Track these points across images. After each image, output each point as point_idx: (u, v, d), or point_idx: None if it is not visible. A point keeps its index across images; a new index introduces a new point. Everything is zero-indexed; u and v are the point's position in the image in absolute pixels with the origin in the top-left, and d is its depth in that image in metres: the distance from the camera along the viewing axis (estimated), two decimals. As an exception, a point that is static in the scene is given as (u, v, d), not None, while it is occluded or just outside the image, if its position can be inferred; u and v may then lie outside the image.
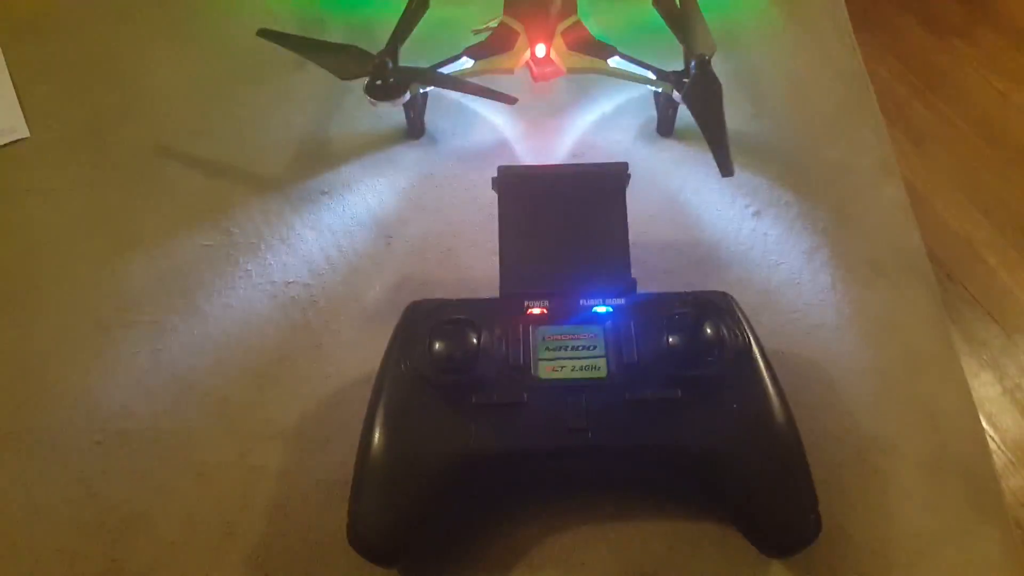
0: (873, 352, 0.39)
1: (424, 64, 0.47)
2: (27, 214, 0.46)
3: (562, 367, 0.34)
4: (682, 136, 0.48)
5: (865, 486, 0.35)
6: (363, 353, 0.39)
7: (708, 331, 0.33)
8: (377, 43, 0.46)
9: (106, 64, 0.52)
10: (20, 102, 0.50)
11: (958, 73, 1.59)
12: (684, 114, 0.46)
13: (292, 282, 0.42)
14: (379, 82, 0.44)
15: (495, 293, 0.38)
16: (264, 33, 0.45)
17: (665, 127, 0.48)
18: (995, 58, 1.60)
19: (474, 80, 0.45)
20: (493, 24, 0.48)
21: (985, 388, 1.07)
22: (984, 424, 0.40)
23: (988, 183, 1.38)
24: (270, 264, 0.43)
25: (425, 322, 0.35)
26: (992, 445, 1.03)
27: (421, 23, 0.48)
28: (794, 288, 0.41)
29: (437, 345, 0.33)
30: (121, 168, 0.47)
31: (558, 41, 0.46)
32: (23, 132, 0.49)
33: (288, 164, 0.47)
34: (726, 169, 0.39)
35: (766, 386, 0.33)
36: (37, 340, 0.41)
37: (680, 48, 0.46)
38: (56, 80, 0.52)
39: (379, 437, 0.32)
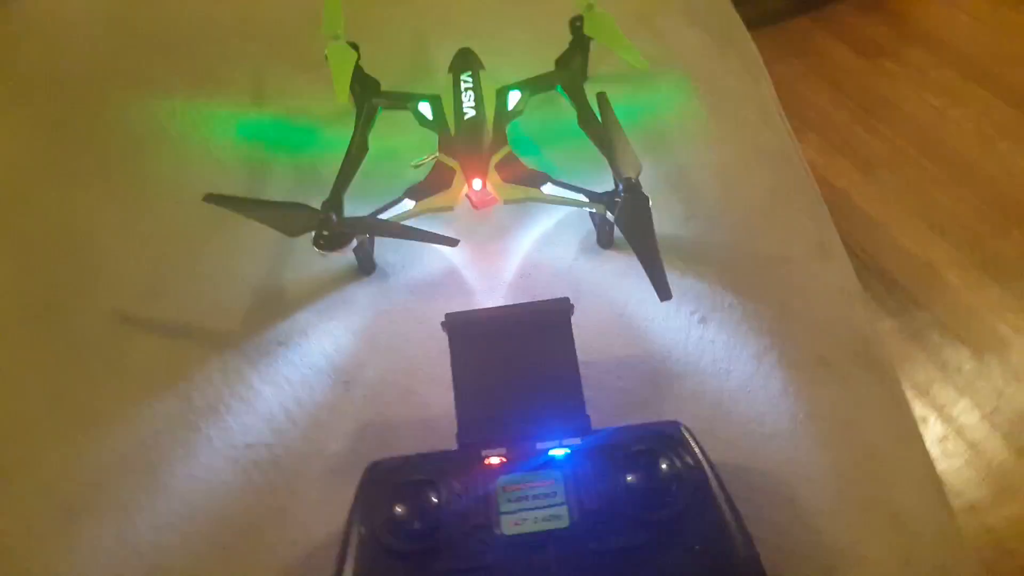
0: (831, 455, 0.40)
1: (368, 202, 0.48)
2: (-13, 399, 0.46)
3: (524, 519, 0.34)
4: (622, 247, 0.49)
5: None
6: (328, 512, 0.39)
7: (665, 468, 0.34)
8: (324, 182, 0.47)
9: (59, 234, 0.53)
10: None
11: (894, 94, 1.64)
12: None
13: (253, 444, 0.43)
14: (325, 234, 0.45)
15: (455, 429, 0.38)
16: (210, 199, 0.46)
17: (604, 240, 0.49)
18: (926, 75, 1.66)
19: (418, 221, 0.46)
20: (430, 159, 0.50)
21: (965, 415, 1.09)
22: (969, 451, 0.41)
23: (939, 202, 1.41)
24: (231, 427, 0.43)
25: (384, 484, 0.35)
26: (980, 474, 1.04)
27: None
28: (747, 396, 0.42)
29: (397, 511, 0.34)
30: (79, 341, 0.48)
31: (493, 175, 0.47)
32: (-24, 313, 0.49)
33: (244, 317, 0.48)
34: (663, 293, 0.40)
35: (726, 521, 0.33)
36: (3, 531, 0.41)
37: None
38: (10, 257, 0.52)
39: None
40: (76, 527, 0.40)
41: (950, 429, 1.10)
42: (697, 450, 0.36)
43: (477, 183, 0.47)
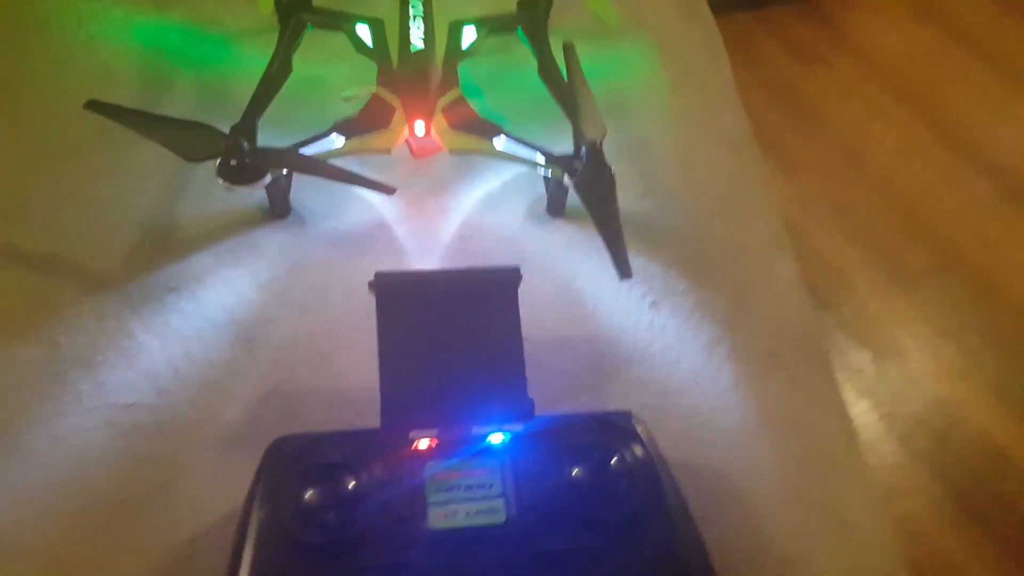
0: (779, 455, 0.38)
1: (287, 135, 0.41)
2: None
3: (455, 512, 0.30)
4: (573, 217, 0.45)
5: None
6: (221, 490, 0.34)
7: (616, 464, 0.30)
8: (233, 105, 0.40)
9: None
10: None
11: (822, 101, 1.68)
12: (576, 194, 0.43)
13: (133, 404, 0.36)
14: (234, 163, 0.38)
15: (377, 404, 0.33)
16: (93, 105, 0.38)
17: (556, 208, 0.45)
18: (854, 87, 1.70)
19: (347, 162, 0.40)
20: (365, 92, 0.44)
21: (863, 416, 1.12)
22: (861, 455, 0.40)
23: (855, 210, 1.46)
24: (106, 382, 0.37)
25: (293, 466, 0.30)
26: (875, 474, 1.08)
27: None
28: (696, 388, 0.39)
29: (307, 498, 0.29)
30: (-84, 265, 0.39)
31: (439, 118, 0.42)
32: None
33: (127, 256, 0.41)
34: (624, 271, 0.36)
35: (679, 523, 0.30)
36: None
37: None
38: None
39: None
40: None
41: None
42: (649, 445, 0.32)
43: (420, 126, 0.41)
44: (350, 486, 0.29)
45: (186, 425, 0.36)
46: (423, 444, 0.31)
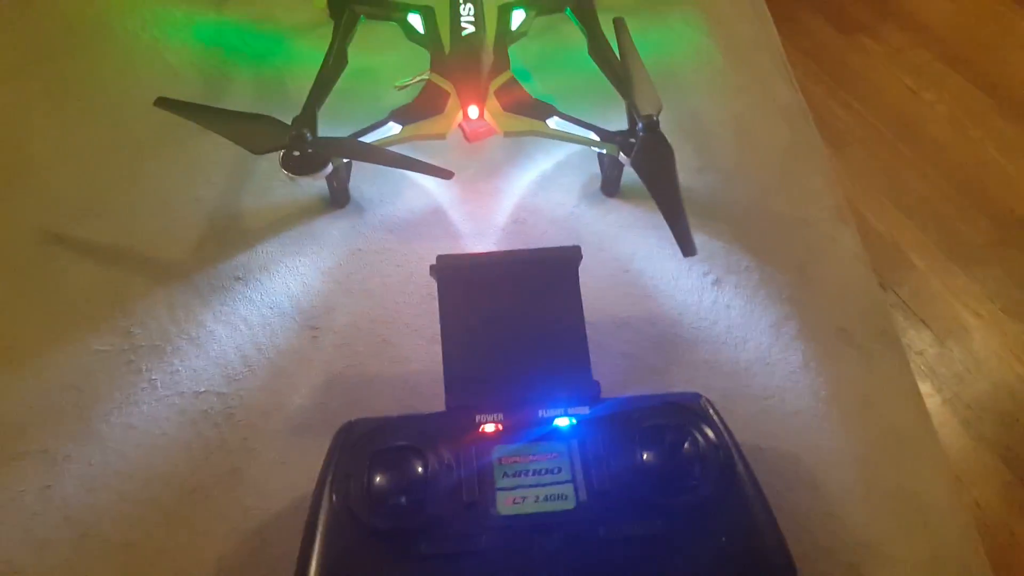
0: (854, 438, 0.37)
1: (344, 126, 0.42)
2: None
3: (524, 498, 0.29)
4: (628, 195, 0.45)
5: None
6: (289, 475, 0.35)
7: (688, 448, 0.30)
8: (290, 98, 0.41)
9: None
10: None
11: (869, 71, 1.63)
12: (630, 170, 0.42)
13: (204, 392, 0.37)
14: (297, 154, 0.39)
15: (439, 388, 0.33)
16: (162, 102, 0.39)
17: (610, 187, 0.44)
18: (902, 55, 1.64)
19: (403, 148, 0.40)
20: (419, 79, 0.44)
21: (926, 399, 1.09)
22: (937, 437, 0.38)
23: (909, 184, 1.41)
24: (178, 370, 0.38)
25: (362, 450, 0.30)
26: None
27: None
28: (765, 368, 0.38)
29: (377, 483, 0.29)
30: (3, 262, 0.41)
31: (492, 101, 0.41)
32: None
33: (195, 247, 0.42)
34: (688, 248, 0.36)
35: (755, 510, 0.29)
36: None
37: (622, 100, 0.43)
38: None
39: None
40: (-10, 478, 0.34)
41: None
42: (721, 427, 0.32)
43: (474, 110, 0.41)
44: (418, 471, 0.29)
45: (254, 412, 0.36)
46: (489, 428, 0.31)
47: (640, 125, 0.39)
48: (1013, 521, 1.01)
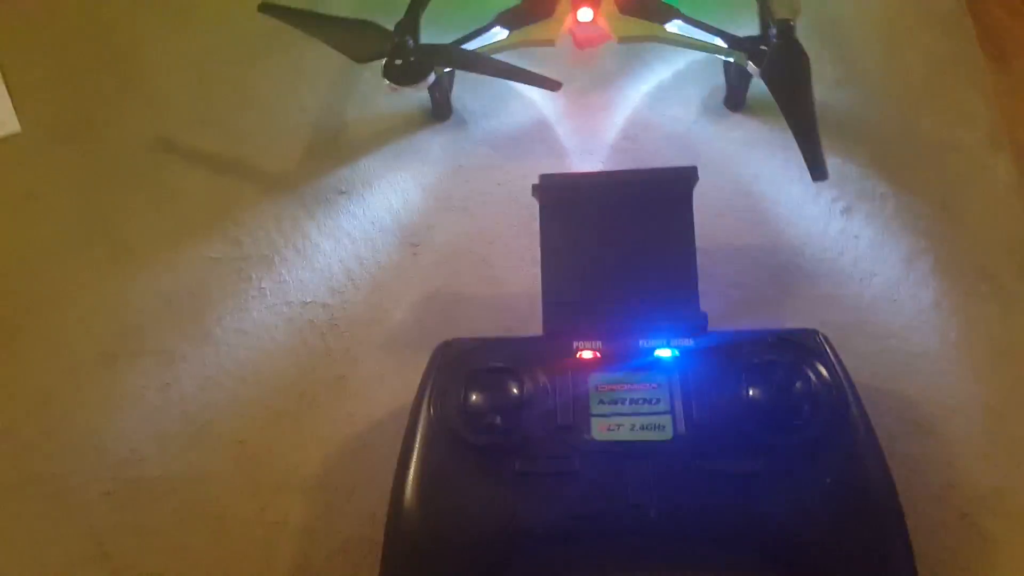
0: (984, 387, 0.33)
1: (448, 33, 0.40)
2: (21, 221, 0.41)
3: (619, 426, 0.29)
4: (755, 110, 0.41)
5: (969, 553, 0.30)
6: (389, 387, 0.35)
7: (799, 387, 0.28)
8: (392, 5, 0.39)
9: (98, 41, 0.47)
10: (9, 91, 0.45)
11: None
12: (757, 82, 0.39)
13: (310, 302, 0.38)
14: (399, 63, 0.37)
15: (536, 313, 0.32)
16: (266, 8, 0.38)
17: (735, 101, 0.41)
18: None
19: (508, 56, 0.38)
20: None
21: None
22: None
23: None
24: (285, 281, 0.39)
25: (459, 369, 0.30)
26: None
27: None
28: (891, 306, 0.35)
29: (474, 401, 0.29)
30: (117, 165, 0.43)
31: (607, 3, 0.38)
32: (14, 127, 0.44)
33: (301, 157, 0.42)
34: (819, 172, 0.32)
35: (865, 456, 0.27)
36: (38, 374, 0.37)
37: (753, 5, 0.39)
38: (45, 62, 0.46)
39: (410, 505, 0.28)
40: (116, 374, 0.37)
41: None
42: (837, 366, 0.29)
43: (585, 13, 0.38)
44: (514, 392, 0.29)
45: (357, 324, 0.37)
46: (587, 354, 0.30)
47: (773, 31, 0.35)
48: None
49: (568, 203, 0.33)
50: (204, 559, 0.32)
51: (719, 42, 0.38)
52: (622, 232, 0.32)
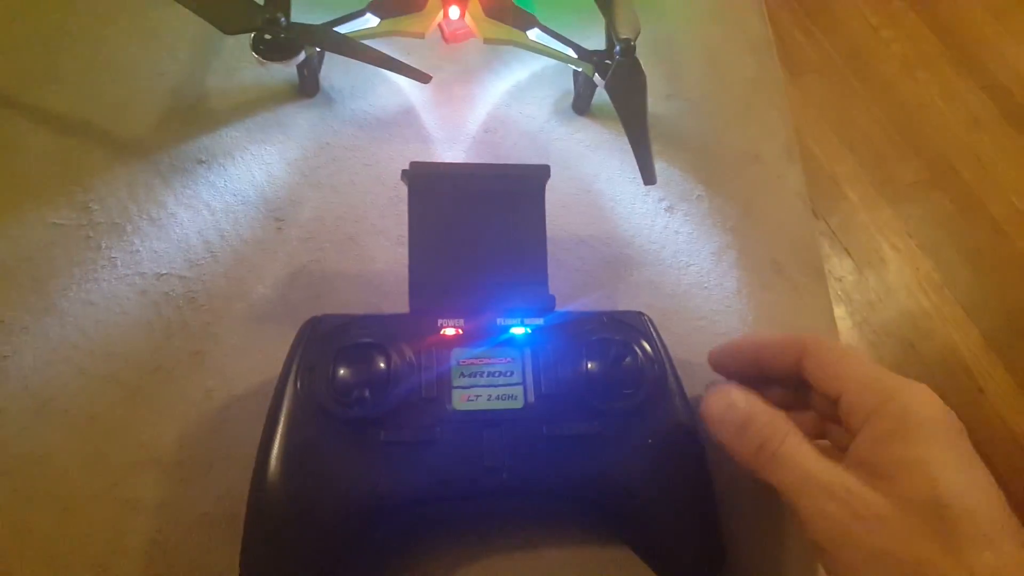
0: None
1: (318, 10, 0.41)
2: None
3: (478, 396, 0.32)
4: (598, 115, 0.46)
5: (761, 511, 0.36)
6: (250, 361, 0.36)
7: (629, 360, 0.33)
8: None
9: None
10: None
11: (835, 3, 1.63)
12: (601, 91, 0.43)
13: (165, 274, 0.37)
14: (269, 38, 0.38)
15: (401, 289, 0.35)
16: (123, -35, 0.37)
17: (582, 105, 0.45)
18: (869, -10, 1.65)
19: (378, 43, 0.39)
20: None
21: (839, 322, 1.17)
22: None
23: (856, 118, 1.45)
24: (138, 250, 0.38)
25: (328, 345, 0.32)
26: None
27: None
28: (703, 292, 0.41)
29: (342, 375, 0.31)
30: (-58, 120, 0.39)
31: (474, 4, 0.41)
32: None
33: (157, 123, 0.41)
34: (649, 177, 0.37)
35: (681, 420, 0.33)
36: None
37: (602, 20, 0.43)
38: None
39: (274, 477, 0.29)
40: (-58, 342, 0.34)
41: (821, 333, 1.19)
42: (659, 344, 0.35)
43: (455, 11, 0.41)
44: (381, 366, 0.31)
45: (217, 298, 0.37)
46: (449, 331, 0.33)
47: (617, 48, 0.39)
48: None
49: (435, 190, 0.35)
50: (49, 538, 0.31)
51: (571, 53, 0.41)
52: (483, 219, 0.35)
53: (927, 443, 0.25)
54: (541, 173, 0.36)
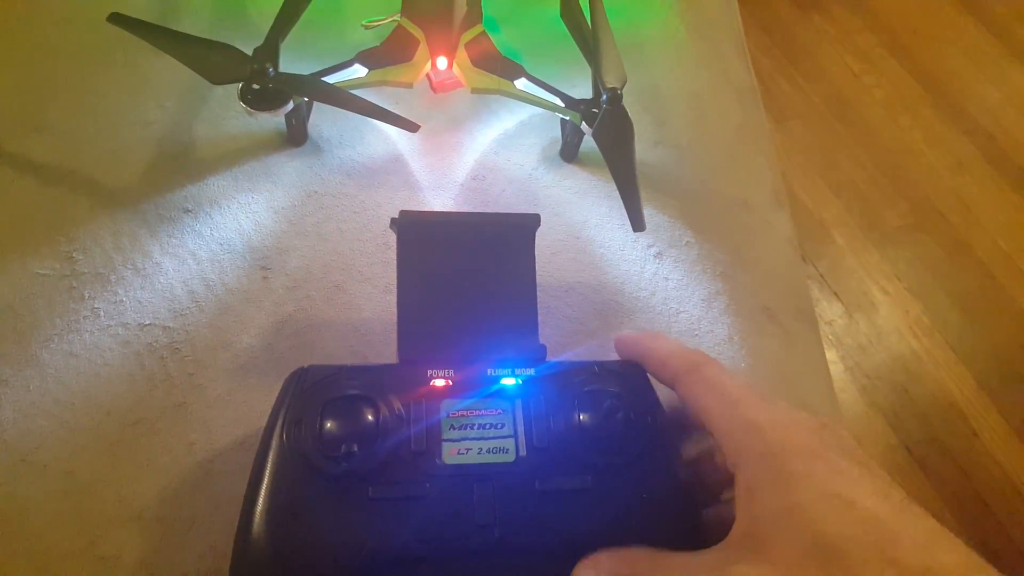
0: (766, 409, 0.40)
1: (306, 61, 0.41)
2: None
3: (468, 449, 0.31)
4: (586, 162, 0.46)
5: None
6: (234, 413, 0.35)
7: (622, 413, 0.32)
8: (250, 25, 0.40)
9: None
10: None
11: (818, 50, 1.67)
12: (589, 138, 0.44)
13: (149, 324, 0.37)
14: (256, 88, 0.38)
15: (389, 337, 0.34)
16: (116, 19, 0.37)
17: (569, 153, 0.45)
18: (850, 37, 1.69)
19: (366, 93, 0.40)
20: (390, 20, 0.43)
21: (831, 366, 1.17)
22: (840, 411, 0.43)
23: (841, 163, 1.47)
24: (122, 301, 0.37)
25: (315, 396, 0.31)
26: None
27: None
28: (693, 340, 0.41)
29: (329, 428, 0.30)
30: (-75, 168, 0.39)
31: (462, 55, 0.41)
32: None
33: (143, 172, 0.41)
34: (638, 224, 0.37)
35: (675, 475, 0.32)
36: None
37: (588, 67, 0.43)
38: None
39: (258, 534, 0.28)
40: (-85, 397, 0.33)
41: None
42: (651, 394, 0.34)
43: (442, 61, 0.41)
44: (369, 419, 0.30)
45: (201, 349, 0.37)
46: (439, 382, 0.33)
47: (604, 96, 0.40)
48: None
49: (424, 239, 0.35)
50: (24, 597, 0.30)
51: (558, 102, 0.42)
52: (473, 268, 0.35)
53: (801, 483, 0.25)
54: (531, 222, 0.36)
